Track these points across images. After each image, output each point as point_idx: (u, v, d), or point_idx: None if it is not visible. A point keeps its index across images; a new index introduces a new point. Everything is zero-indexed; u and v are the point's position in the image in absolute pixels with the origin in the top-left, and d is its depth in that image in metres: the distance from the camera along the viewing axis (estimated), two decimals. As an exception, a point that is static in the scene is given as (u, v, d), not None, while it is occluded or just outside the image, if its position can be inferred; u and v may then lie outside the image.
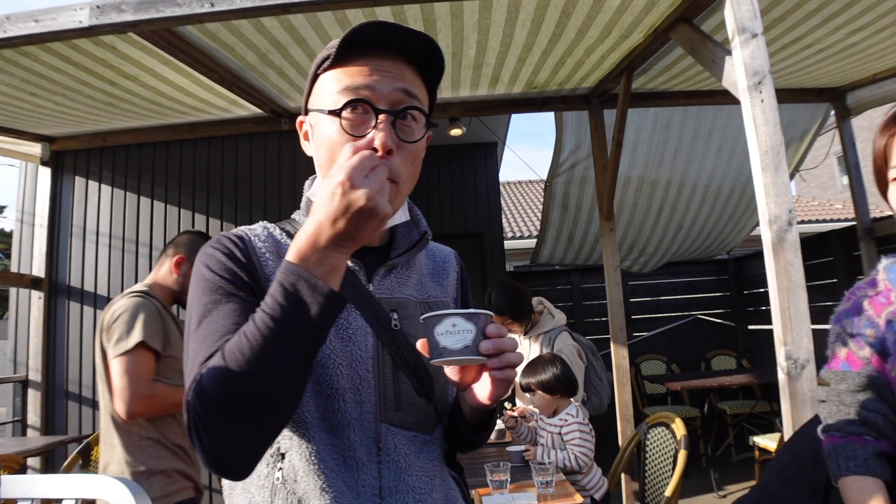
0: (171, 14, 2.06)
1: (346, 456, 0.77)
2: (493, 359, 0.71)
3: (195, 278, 0.77)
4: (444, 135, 4.69)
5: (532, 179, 13.69)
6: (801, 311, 1.84)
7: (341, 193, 0.61)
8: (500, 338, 0.71)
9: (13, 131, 3.48)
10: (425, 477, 0.82)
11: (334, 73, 0.77)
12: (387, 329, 0.82)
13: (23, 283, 3.59)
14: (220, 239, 0.80)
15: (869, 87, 3.81)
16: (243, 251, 0.78)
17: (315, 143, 0.81)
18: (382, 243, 0.90)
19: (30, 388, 3.57)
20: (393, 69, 0.77)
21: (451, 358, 0.70)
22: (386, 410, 0.80)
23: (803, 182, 15.23)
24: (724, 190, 4.89)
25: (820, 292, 4.75)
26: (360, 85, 0.75)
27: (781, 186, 1.92)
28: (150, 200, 3.81)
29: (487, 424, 0.89)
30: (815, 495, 0.94)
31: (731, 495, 4.14)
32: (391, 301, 0.85)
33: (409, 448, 0.81)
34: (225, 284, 0.74)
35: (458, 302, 0.98)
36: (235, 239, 0.80)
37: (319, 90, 0.80)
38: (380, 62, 0.76)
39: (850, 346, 0.99)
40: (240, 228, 0.84)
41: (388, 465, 0.79)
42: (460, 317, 0.70)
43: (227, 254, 0.77)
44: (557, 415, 2.35)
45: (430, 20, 2.46)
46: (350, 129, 0.75)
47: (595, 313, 5.93)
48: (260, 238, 0.82)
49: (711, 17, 2.60)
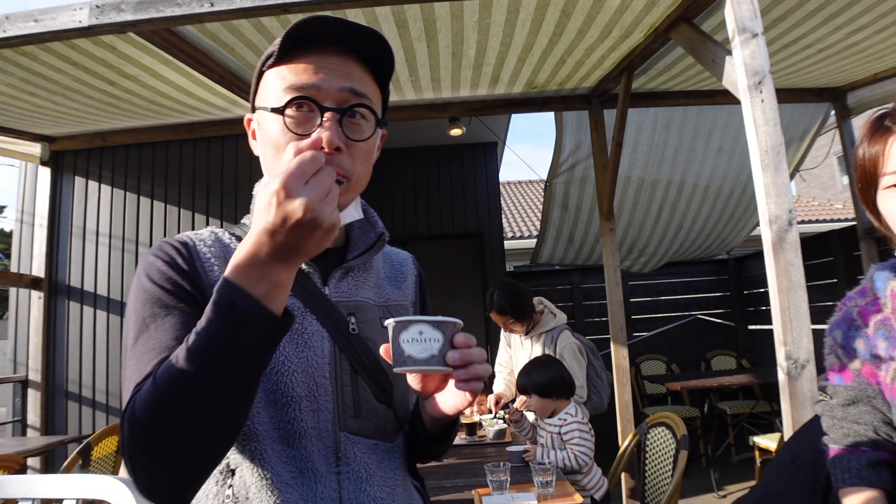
0: (170, 14, 2.06)
1: (302, 468, 0.73)
2: (460, 370, 0.67)
3: (134, 289, 0.72)
4: (444, 135, 4.69)
5: (532, 179, 13.69)
6: (802, 311, 1.84)
7: (276, 204, 0.54)
8: (468, 348, 0.67)
9: (13, 131, 3.47)
10: (387, 487, 0.79)
11: (279, 70, 0.74)
12: (344, 333, 0.79)
13: (23, 283, 3.59)
14: (162, 246, 0.75)
15: (869, 87, 3.81)
16: (186, 258, 0.74)
17: (260, 142, 0.78)
18: (337, 245, 0.87)
19: (30, 388, 3.57)
20: (340, 66, 0.73)
21: (415, 367, 0.67)
22: (345, 418, 0.77)
23: (803, 182, 15.23)
24: (724, 190, 4.89)
25: (820, 292, 4.75)
26: (304, 83, 0.71)
27: (781, 186, 1.92)
28: (150, 200, 3.81)
29: (448, 435, 0.86)
30: (815, 496, 0.94)
31: (731, 495, 4.14)
32: (348, 304, 0.82)
33: (369, 457, 0.78)
34: (164, 296, 0.70)
35: (417, 306, 0.95)
36: (178, 245, 0.75)
37: (264, 88, 0.76)
38: (326, 59, 0.73)
39: (841, 359, 0.99)
40: (185, 234, 0.79)
41: (348, 475, 0.76)
42: (428, 324, 0.67)
43: (167, 262, 0.72)
44: (556, 415, 2.35)
45: (430, 20, 2.46)
46: (294, 127, 0.71)
47: (595, 313, 5.92)
48: (206, 243, 0.77)
49: (711, 17, 2.60)
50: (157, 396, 0.57)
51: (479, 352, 0.68)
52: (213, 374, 0.57)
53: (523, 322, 2.81)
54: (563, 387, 2.33)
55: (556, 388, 2.31)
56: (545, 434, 2.35)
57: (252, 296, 0.56)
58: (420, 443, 0.85)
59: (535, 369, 2.37)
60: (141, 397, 0.59)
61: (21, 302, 3.75)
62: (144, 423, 0.58)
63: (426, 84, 3.27)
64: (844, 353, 0.98)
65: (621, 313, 3.44)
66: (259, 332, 0.57)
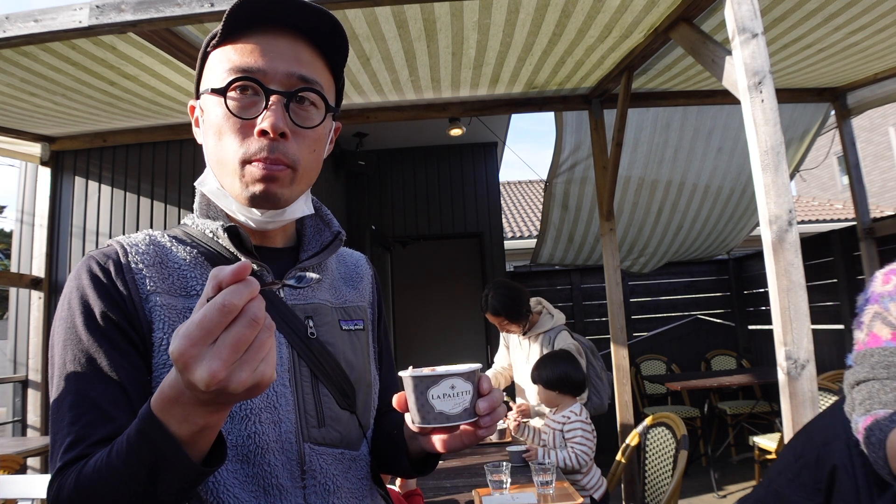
0: (170, 14, 2.06)
1: (265, 485, 0.67)
2: (486, 417, 0.65)
3: (58, 316, 0.66)
4: (444, 135, 4.69)
5: (532, 179, 13.69)
6: (801, 311, 1.84)
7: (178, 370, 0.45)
8: (492, 393, 0.66)
9: (13, 131, 3.47)
10: (354, 499, 0.75)
11: (223, 50, 0.69)
12: (302, 338, 0.74)
13: (23, 283, 3.58)
14: (88, 263, 0.68)
15: (869, 87, 3.81)
16: (111, 275, 0.67)
17: (203, 128, 0.73)
18: (290, 244, 0.82)
19: (30, 388, 3.57)
20: (288, 50, 0.69)
21: (447, 424, 0.62)
22: (308, 428, 0.72)
23: (803, 182, 15.24)
24: (724, 190, 4.89)
25: (820, 292, 4.75)
26: (250, 65, 0.67)
27: (781, 186, 1.92)
28: (150, 200, 3.81)
29: (436, 463, 0.82)
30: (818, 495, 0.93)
31: (731, 495, 4.14)
32: (305, 307, 0.77)
33: (335, 468, 0.74)
34: (87, 335, 0.63)
35: (374, 308, 0.91)
36: (102, 261, 0.68)
37: (209, 70, 0.71)
38: (274, 41, 0.68)
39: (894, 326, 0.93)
40: (116, 240, 0.72)
41: (314, 488, 0.71)
42: (459, 377, 0.63)
43: (94, 285, 0.66)
44: (561, 412, 2.35)
45: (430, 20, 2.46)
46: (237, 110, 0.67)
47: (595, 313, 5.92)
48: (138, 249, 0.70)
49: (711, 17, 2.60)
50: (78, 499, 0.55)
51: (499, 393, 0.67)
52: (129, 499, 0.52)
53: (518, 323, 2.80)
54: (573, 384, 2.34)
55: (562, 385, 2.33)
56: (549, 430, 2.35)
57: (173, 436, 0.49)
58: (399, 466, 0.81)
59: (547, 363, 2.39)
60: (66, 493, 0.56)
61: (21, 302, 3.75)
62: None
63: (426, 84, 3.27)
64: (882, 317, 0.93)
65: (621, 313, 3.44)
66: (174, 476, 0.51)
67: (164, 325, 0.67)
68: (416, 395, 0.63)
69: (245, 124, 0.67)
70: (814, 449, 0.97)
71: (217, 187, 0.73)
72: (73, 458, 0.59)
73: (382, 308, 0.94)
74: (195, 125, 0.77)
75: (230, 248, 0.73)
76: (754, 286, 5.87)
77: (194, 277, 0.71)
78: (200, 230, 0.76)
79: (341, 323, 0.81)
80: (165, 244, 0.73)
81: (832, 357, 4.57)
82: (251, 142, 0.67)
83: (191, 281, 0.71)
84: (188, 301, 0.69)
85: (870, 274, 3.86)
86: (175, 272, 0.71)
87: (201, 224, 0.75)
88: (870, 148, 13.10)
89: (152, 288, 0.68)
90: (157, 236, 0.74)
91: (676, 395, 5.51)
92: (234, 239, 0.72)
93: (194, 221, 0.77)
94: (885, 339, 0.93)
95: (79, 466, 0.57)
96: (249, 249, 0.73)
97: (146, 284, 0.68)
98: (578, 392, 2.38)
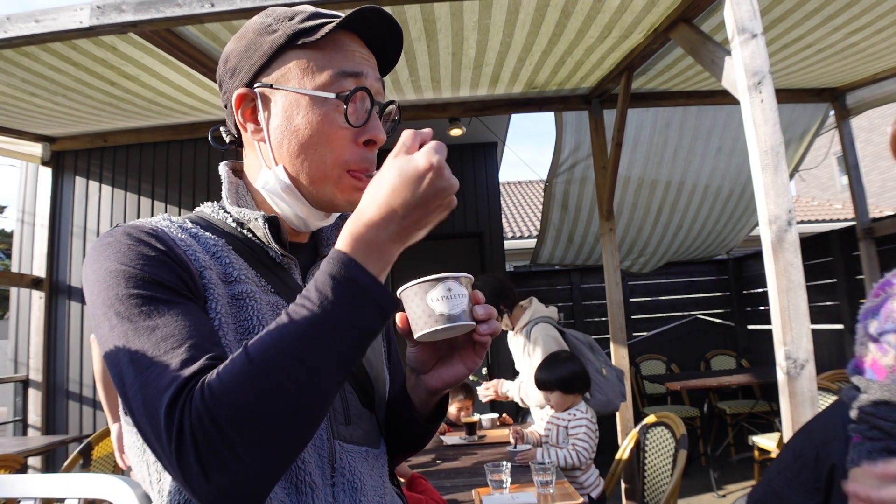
0: (171, 14, 2.06)
1: (298, 482, 0.65)
2: (484, 324, 0.66)
3: (99, 279, 0.58)
4: (444, 135, 4.69)
5: (532, 179, 13.69)
6: (801, 311, 1.84)
7: (431, 180, 0.55)
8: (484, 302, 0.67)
9: (14, 131, 3.48)
10: (377, 496, 0.74)
11: (321, 51, 0.68)
12: None
13: (23, 283, 3.59)
14: (129, 231, 0.61)
15: (869, 87, 3.81)
16: (166, 243, 0.62)
17: (282, 123, 0.68)
18: (309, 239, 0.82)
19: (30, 387, 3.58)
20: (371, 58, 0.72)
21: (448, 325, 0.63)
22: (337, 426, 0.71)
23: (803, 182, 15.24)
24: (723, 190, 4.89)
25: (820, 292, 4.75)
26: (357, 70, 0.68)
27: (781, 186, 1.92)
28: (151, 200, 3.81)
29: (445, 409, 0.82)
30: (817, 494, 0.94)
31: (731, 495, 4.14)
32: None
33: (362, 465, 0.73)
34: (161, 280, 0.57)
35: None
36: (150, 230, 0.62)
37: (294, 66, 0.68)
38: (362, 48, 0.70)
39: (873, 352, 0.95)
40: (140, 221, 0.65)
41: (343, 486, 0.70)
42: (455, 281, 0.64)
43: (148, 245, 0.60)
44: (568, 410, 2.35)
45: (430, 20, 2.46)
46: (354, 119, 0.68)
47: (595, 313, 5.92)
48: (171, 229, 0.66)
49: (711, 17, 2.60)
50: (258, 376, 0.49)
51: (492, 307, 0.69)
52: (328, 353, 0.52)
53: (500, 318, 2.79)
54: (566, 384, 2.34)
55: (561, 385, 2.33)
56: (552, 426, 2.36)
57: (371, 274, 0.54)
58: (412, 427, 0.80)
59: (543, 367, 2.39)
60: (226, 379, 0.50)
61: (22, 302, 3.76)
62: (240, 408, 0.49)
63: (426, 84, 3.27)
64: (878, 346, 0.93)
65: (621, 313, 3.45)
66: (377, 311, 0.54)
67: (217, 306, 0.62)
68: (416, 303, 0.64)
69: (356, 132, 0.69)
70: (813, 448, 0.97)
71: (287, 185, 0.70)
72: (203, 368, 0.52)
73: None
74: (244, 115, 0.71)
75: (262, 238, 0.72)
76: (754, 286, 5.87)
77: (230, 263, 0.68)
78: (220, 219, 0.73)
79: None
80: (191, 229, 0.69)
81: (831, 357, 4.57)
82: (355, 150, 0.69)
83: (228, 267, 0.67)
84: (228, 287, 0.66)
85: (869, 274, 3.87)
86: (212, 256, 0.67)
87: (234, 212, 0.72)
88: (869, 148, 13.10)
89: (203, 264, 0.64)
90: (179, 221, 0.70)
91: (676, 394, 5.51)
92: (273, 230, 0.71)
93: (214, 209, 0.74)
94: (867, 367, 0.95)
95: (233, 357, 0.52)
96: (284, 242, 0.73)
97: (198, 259, 0.64)
98: (583, 389, 2.38)
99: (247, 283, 0.67)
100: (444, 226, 5.37)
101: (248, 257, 0.71)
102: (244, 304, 0.66)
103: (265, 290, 0.70)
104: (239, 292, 0.66)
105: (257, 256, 0.72)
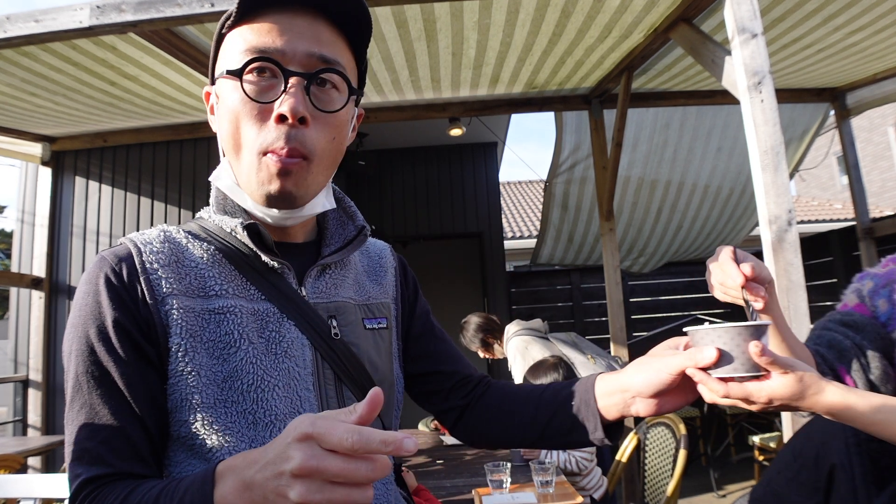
0: (171, 14, 2.06)
1: None
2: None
3: (71, 322, 0.64)
4: (444, 135, 4.69)
5: (532, 179, 13.69)
6: (801, 311, 1.84)
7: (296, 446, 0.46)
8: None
9: (13, 131, 3.48)
10: (383, 499, 0.72)
11: (239, 31, 0.65)
12: (325, 339, 0.70)
13: (23, 283, 3.59)
14: (100, 266, 0.64)
15: (869, 87, 3.81)
16: (124, 278, 0.63)
17: (218, 115, 0.69)
18: (310, 238, 0.78)
19: (30, 387, 3.58)
20: (308, 29, 0.65)
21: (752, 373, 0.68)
22: None
23: (803, 182, 15.24)
24: (723, 190, 4.89)
25: (820, 292, 4.75)
26: (267, 46, 0.63)
27: (781, 186, 1.92)
28: (151, 200, 3.81)
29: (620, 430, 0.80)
30: (817, 494, 0.94)
31: (731, 495, 4.14)
32: (328, 306, 0.73)
33: None
34: (99, 346, 0.61)
35: (399, 303, 0.85)
36: (114, 263, 0.64)
37: (224, 53, 0.67)
38: (292, 19, 0.64)
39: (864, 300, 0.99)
40: (130, 238, 0.68)
41: None
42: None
43: (107, 290, 0.62)
44: None
45: (430, 20, 2.46)
46: (254, 94, 0.63)
47: (595, 313, 5.92)
48: (153, 248, 0.66)
49: (711, 17, 2.60)
50: None
51: None
52: None
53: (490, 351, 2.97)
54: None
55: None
56: None
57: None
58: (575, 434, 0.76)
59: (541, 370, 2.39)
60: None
61: (22, 302, 3.76)
62: None
63: (426, 84, 3.27)
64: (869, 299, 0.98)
65: (621, 313, 3.45)
66: None
67: (182, 330, 0.63)
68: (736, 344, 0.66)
69: (263, 109, 0.63)
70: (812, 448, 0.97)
71: (233, 183, 0.70)
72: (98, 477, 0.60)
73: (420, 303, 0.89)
74: (210, 113, 0.72)
75: (250, 245, 0.69)
76: (754, 286, 5.87)
77: (212, 277, 0.67)
78: (217, 225, 0.72)
79: (365, 322, 0.77)
80: (181, 241, 0.69)
81: (832, 357, 4.56)
82: (268, 129, 0.63)
83: (209, 281, 0.67)
84: (206, 302, 0.66)
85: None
86: (192, 271, 0.67)
87: (218, 220, 0.72)
88: (869, 148, 13.10)
89: (168, 290, 0.64)
90: (172, 233, 0.70)
91: (676, 394, 5.51)
92: (253, 237, 0.69)
93: (210, 216, 0.73)
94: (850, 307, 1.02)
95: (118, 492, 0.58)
96: (270, 247, 0.70)
97: (162, 286, 0.64)
98: None
99: (227, 298, 0.66)
100: (444, 226, 5.38)
101: (240, 264, 0.69)
102: (224, 318, 0.65)
103: (254, 298, 0.68)
104: (219, 307, 0.65)
105: (249, 262, 0.70)
